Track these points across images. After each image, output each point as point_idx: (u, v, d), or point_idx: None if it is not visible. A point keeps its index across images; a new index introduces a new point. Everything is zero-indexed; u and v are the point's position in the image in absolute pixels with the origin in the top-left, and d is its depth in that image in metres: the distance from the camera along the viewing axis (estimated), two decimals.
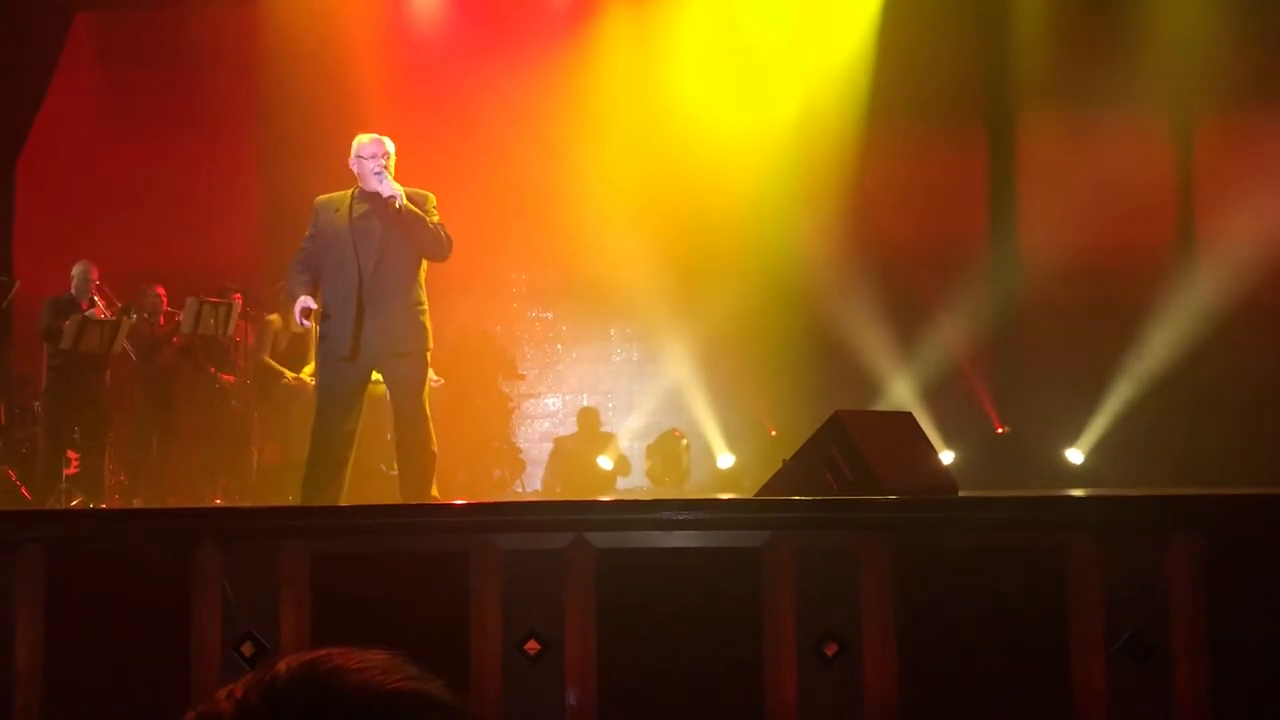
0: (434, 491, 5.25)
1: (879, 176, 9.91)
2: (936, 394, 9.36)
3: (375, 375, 5.42)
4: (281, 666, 1.03)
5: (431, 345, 5.30)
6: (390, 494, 7.30)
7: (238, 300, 8.45)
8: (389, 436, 6.46)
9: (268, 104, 10.09)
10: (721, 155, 9.76)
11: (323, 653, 1.04)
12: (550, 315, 10.71)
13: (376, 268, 5.11)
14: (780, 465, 4.51)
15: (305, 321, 5.27)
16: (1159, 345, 9.20)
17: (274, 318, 8.31)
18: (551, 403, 10.66)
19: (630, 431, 10.35)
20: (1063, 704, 3.20)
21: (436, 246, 5.18)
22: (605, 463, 10.14)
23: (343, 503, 5.19)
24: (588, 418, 10.27)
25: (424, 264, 5.25)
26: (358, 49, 9.94)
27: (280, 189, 9.41)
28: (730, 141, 9.83)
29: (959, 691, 3.23)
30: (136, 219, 9.72)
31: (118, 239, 9.24)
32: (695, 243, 9.79)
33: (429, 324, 5.25)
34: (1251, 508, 3.58)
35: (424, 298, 5.23)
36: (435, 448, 5.27)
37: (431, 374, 9.64)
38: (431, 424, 5.27)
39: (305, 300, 5.20)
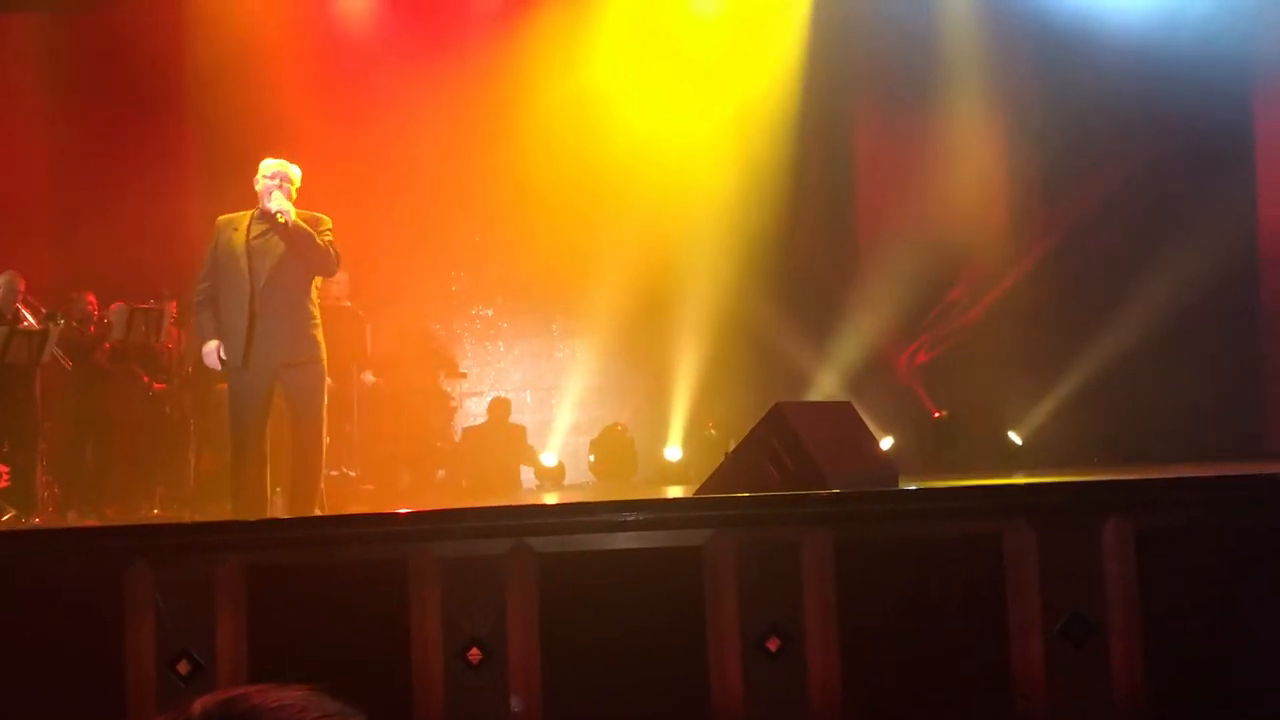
0: (318, 508, 5.43)
1: (813, 173, 9.97)
2: (872, 383, 9.44)
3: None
4: (196, 707, 1.01)
5: (325, 356, 5.52)
6: (341, 497, 7.24)
7: (172, 307, 8.29)
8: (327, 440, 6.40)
9: (197, 108, 9.91)
10: (657, 152, 9.77)
11: (239, 691, 1.02)
12: (490, 312, 10.63)
13: (268, 282, 5.37)
14: (723, 459, 4.53)
15: (218, 366, 5.52)
16: (1108, 326, 9.34)
17: None
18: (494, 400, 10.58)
19: (574, 427, 10.32)
20: (1003, 687, 3.24)
21: (324, 263, 5.48)
22: (549, 459, 10.12)
23: (279, 501, 5.34)
24: (498, 409, 10.13)
25: (316, 280, 5.52)
26: (287, 50, 9.79)
27: (214, 193, 9.24)
28: (666, 138, 9.84)
29: (901, 680, 3.26)
30: (64, 226, 9.51)
31: (43, 248, 9.03)
32: (634, 238, 9.77)
33: (321, 336, 5.48)
34: (1182, 490, 3.65)
35: (316, 312, 5.48)
36: (323, 463, 5.52)
37: (368, 374, 9.46)
38: (325, 436, 5.52)
39: (215, 345, 5.48)
